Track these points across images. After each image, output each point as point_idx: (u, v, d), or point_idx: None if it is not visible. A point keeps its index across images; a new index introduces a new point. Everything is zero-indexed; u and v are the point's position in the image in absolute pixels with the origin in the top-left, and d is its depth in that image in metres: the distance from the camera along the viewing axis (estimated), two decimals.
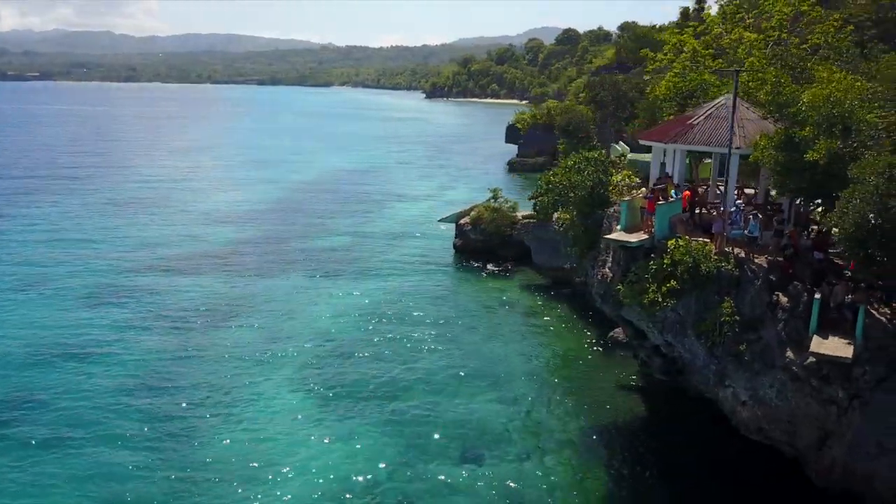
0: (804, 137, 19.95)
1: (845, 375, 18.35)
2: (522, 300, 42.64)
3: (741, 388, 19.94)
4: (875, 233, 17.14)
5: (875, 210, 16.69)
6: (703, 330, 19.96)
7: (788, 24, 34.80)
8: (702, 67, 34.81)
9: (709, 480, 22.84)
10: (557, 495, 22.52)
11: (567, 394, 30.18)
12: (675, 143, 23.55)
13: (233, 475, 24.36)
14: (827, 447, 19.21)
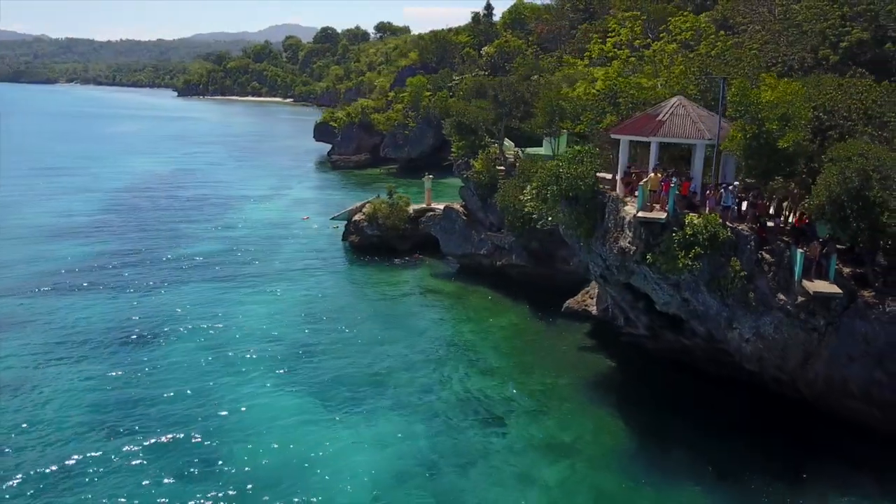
0: (771, 131, 25.94)
1: (826, 307, 24.57)
2: (446, 286, 45.79)
3: (746, 328, 25.41)
4: (853, 199, 23.36)
5: (857, 182, 22.88)
6: (719, 285, 25.05)
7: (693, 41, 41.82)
8: (638, 73, 40.41)
9: (674, 416, 28.23)
10: (548, 448, 26.32)
11: (531, 357, 34.37)
12: (655, 137, 28.48)
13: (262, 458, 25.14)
14: (809, 365, 25.40)
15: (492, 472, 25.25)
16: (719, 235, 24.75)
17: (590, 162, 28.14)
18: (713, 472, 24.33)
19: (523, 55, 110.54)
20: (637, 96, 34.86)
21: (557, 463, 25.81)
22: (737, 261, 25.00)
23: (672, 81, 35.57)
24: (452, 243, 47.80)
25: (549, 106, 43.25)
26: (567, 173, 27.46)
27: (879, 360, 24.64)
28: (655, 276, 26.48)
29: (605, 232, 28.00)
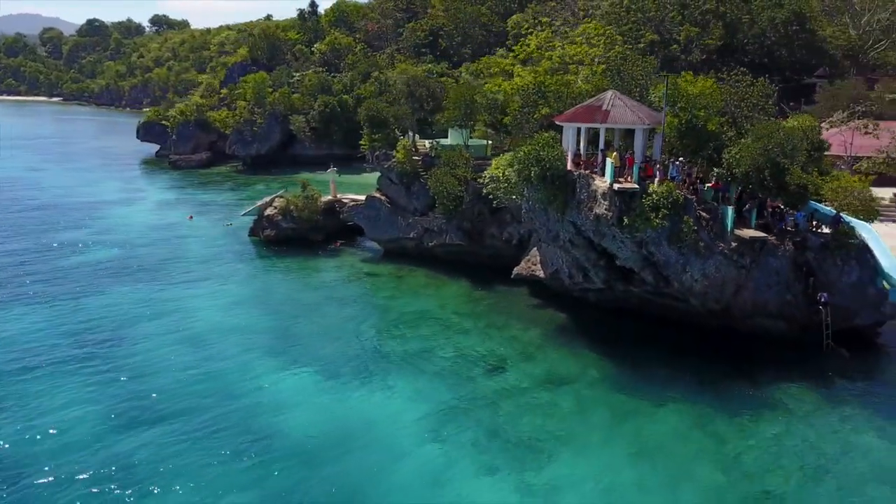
0: (698, 117, 33.48)
1: (751, 249, 32.61)
2: (382, 268, 49.07)
3: (696, 270, 32.65)
4: (770, 166, 31.45)
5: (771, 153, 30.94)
6: (677, 238, 31.99)
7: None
8: (562, 72, 46.35)
9: (632, 347, 35.07)
10: (523, 393, 31.39)
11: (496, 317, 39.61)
12: (605, 124, 34.84)
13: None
14: (739, 294, 33.38)
15: (515, 404, 30.00)
16: (678, 199, 31.66)
17: (558, 147, 33.79)
18: (674, 378, 31.23)
19: (354, 53, 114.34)
20: (564, 91, 41.25)
21: (564, 392, 31.14)
22: (689, 218, 32.10)
23: (595, 79, 42.40)
24: (378, 230, 51.14)
25: (463, 100, 48.38)
26: (547, 156, 32.82)
27: (787, 286, 33.23)
28: (623, 236, 32.86)
29: (579, 203, 33.84)
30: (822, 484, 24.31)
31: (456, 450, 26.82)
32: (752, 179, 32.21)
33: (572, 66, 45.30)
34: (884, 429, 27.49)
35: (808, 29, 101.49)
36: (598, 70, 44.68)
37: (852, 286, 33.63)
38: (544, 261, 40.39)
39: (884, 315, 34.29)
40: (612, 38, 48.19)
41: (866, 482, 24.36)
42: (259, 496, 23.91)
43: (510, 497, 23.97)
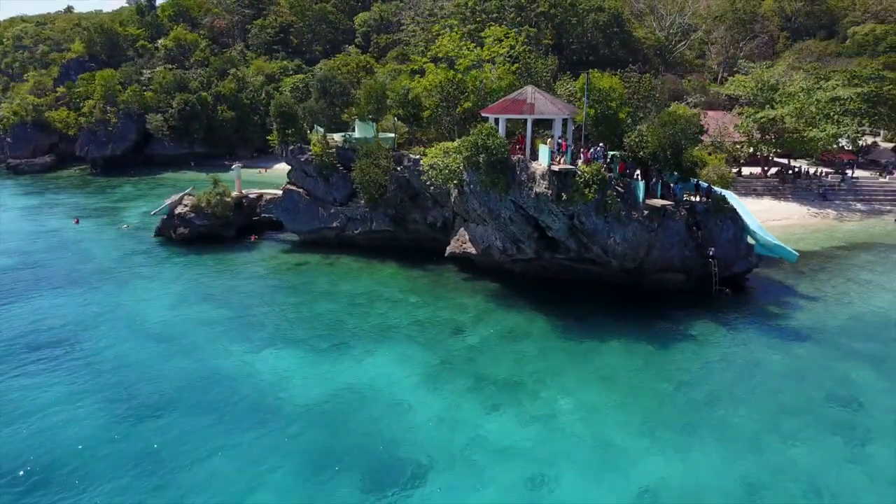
0: (611, 108, 40.10)
1: (659, 215, 39.86)
2: (308, 258, 51.20)
3: (618, 236, 39.30)
4: (666, 147, 38.76)
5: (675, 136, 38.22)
6: (604, 209, 38.33)
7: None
8: (477, 70, 50.59)
9: (563, 303, 41.64)
10: (480, 356, 36.49)
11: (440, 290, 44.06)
12: (532, 115, 40.41)
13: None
14: (650, 253, 40.57)
15: (488, 356, 34.68)
16: (604, 177, 37.98)
17: (499, 137, 38.85)
18: (610, 324, 37.59)
19: (201, 49, 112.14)
20: (480, 87, 46.27)
21: (524, 343, 36.26)
22: (612, 192, 38.59)
23: (508, 77, 47.71)
24: (298, 222, 53.15)
25: (375, 96, 51.87)
26: (493, 144, 37.71)
27: (685, 244, 40.96)
28: (559, 210, 38.69)
29: (520, 184, 39.13)
30: (728, 378, 31.67)
31: (456, 395, 31.01)
32: (659, 158, 39.32)
33: (487, 64, 50.37)
34: (758, 339, 35.97)
35: (625, 30, 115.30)
36: (514, 68, 50.26)
37: (730, 241, 42.08)
38: (474, 239, 45.30)
39: (751, 263, 43.21)
40: (515, 39, 53.84)
41: (752, 374, 32.46)
42: (302, 457, 26.33)
43: (519, 425, 28.61)
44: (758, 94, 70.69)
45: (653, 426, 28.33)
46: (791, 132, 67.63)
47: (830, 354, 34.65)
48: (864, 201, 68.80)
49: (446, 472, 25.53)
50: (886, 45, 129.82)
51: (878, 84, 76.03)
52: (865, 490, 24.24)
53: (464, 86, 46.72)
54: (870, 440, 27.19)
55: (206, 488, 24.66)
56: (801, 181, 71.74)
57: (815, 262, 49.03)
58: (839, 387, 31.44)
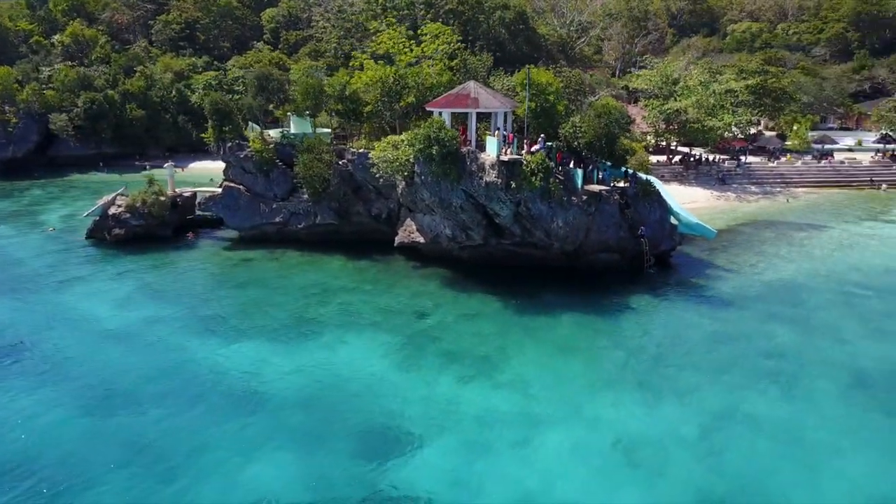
0: (550, 101, 43.16)
1: (596, 200, 43.33)
2: (251, 254, 51.43)
3: (560, 220, 42.44)
4: (601, 137, 42.26)
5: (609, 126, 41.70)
6: (548, 195, 41.34)
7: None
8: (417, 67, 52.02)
9: (510, 285, 44.64)
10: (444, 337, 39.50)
11: (393, 278, 45.88)
12: (477, 109, 42.84)
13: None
14: (589, 236, 43.99)
15: (452, 335, 36.79)
16: (548, 165, 40.96)
17: (451, 130, 41.09)
18: (558, 301, 40.69)
19: (101, 46, 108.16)
20: (421, 82, 48.24)
21: (482, 322, 38.63)
22: (555, 180, 41.65)
23: (446, 73, 49.79)
24: (239, 218, 53.30)
25: (313, 92, 52.80)
26: (444, 137, 39.89)
27: (619, 226, 44.66)
28: (507, 198, 41.39)
29: (471, 174, 41.51)
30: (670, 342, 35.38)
31: (429, 372, 33.02)
32: (595, 147, 42.74)
33: (427, 61, 52.22)
34: (689, 308, 40.17)
35: (529, 27, 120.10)
36: (453, 64, 52.39)
37: (657, 222, 46.21)
38: (422, 228, 47.33)
39: (675, 242, 47.56)
40: (451, 36, 55.91)
41: (689, 337, 36.31)
42: (295, 437, 27.38)
43: (493, 393, 30.92)
44: (662, 88, 76.34)
45: (612, 387, 31.44)
46: (692, 122, 73.59)
47: (752, 317, 39.12)
48: (757, 184, 75.82)
49: (435, 439, 27.48)
50: (761, 41, 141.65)
51: (763, 77, 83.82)
52: (798, 423, 28.21)
53: (405, 81, 48.53)
54: (796, 384, 31.40)
55: (210, 472, 25.41)
56: (703, 167, 78.13)
57: (726, 239, 54.25)
58: (764, 343, 35.78)
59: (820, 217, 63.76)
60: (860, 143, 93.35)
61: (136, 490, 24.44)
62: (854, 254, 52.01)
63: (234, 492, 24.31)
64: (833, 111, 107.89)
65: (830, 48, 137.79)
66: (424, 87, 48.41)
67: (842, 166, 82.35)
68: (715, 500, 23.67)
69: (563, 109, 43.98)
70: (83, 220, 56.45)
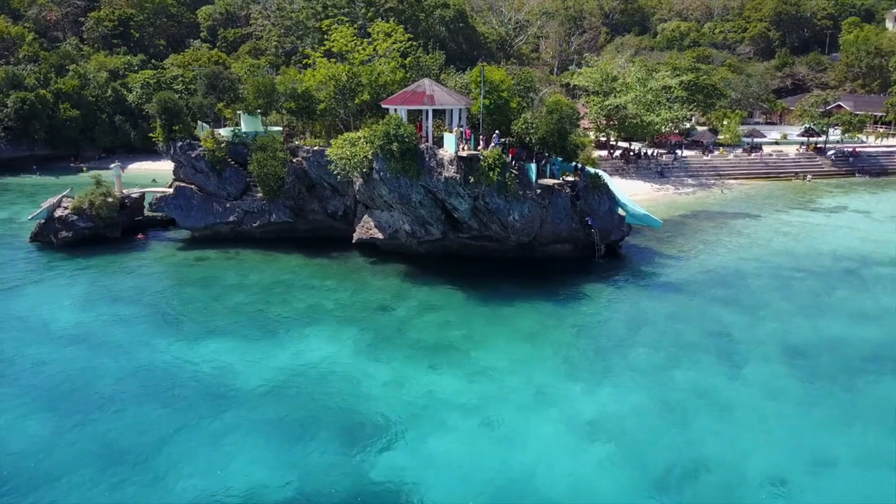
0: (503, 98, 44.52)
1: (550, 193, 44.97)
2: (208, 254, 51.09)
3: (516, 213, 43.88)
4: (553, 132, 43.92)
5: (561, 121, 43.34)
6: (504, 189, 42.70)
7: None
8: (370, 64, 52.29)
9: (467, 276, 46.01)
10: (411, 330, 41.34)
11: (357, 275, 46.54)
12: (433, 105, 43.84)
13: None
14: (544, 227, 45.61)
15: (417, 327, 37.82)
16: (504, 161, 42.31)
17: (410, 125, 41.97)
18: (516, 292, 42.19)
19: (28, 44, 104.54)
20: (375, 80, 48.87)
21: (446, 313, 39.73)
22: (511, 175, 43.05)
23: (400, 71, 50.48)
24: (192, 218, 52.78)
25: (264, 90, 52.78)
26: (404, 133, 40.74)
27: (571, 217, 46.44)
28: (466, 192, 42.57)
29: (430, 170, 42.48)
30: (625, 326, 37.27)
31: (397, 362, 33.87)
32: (548, 143, 44.33)
33: (381, 58, 52.73)
34: (640, 294, 42.24)
35: (469, 25, 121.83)
36: (406, 62, 53.12)
37: (606, 213, 48.22)
38: (380, 225, 48.06)
39: (624, 232, 49.71)
40: (403, 35, 56.39)
41: (643, 322, 38.17)
42: (268, 430, 27.78)
43: (460, 380, 32.01)
44: (602, 85, 78.98)
45: (575, 370, 33.02)
46: (632, 118, 76.45)
47: (699, 301, 41.46)
48: (693, 177, 79.34)
49: (409, 425, 28.34)
50: (690, 40, 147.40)
51: (696, 74, 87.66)
52: (747, 395, 30.40)
53: (359, 79, 49.11)
54: (744, 363, 33.64)
55: (187, 468, 25.47)
56: (642, 161, 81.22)
57: (669, 229, 56.88)
58: (711, 325, 38.06)
59: (753, 207, 67.37)
60: (785, 137, 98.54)
61: (110, 489, 24.32)
62: (786, 239, 55.38)
63: (215, 486, 24.55)
64: (759, 106, 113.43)
65: (754, 46, 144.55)
66: (378, 84, 49.08)
67: (770, 159, 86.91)
68: (676, 466, 25.38)
69: (516, 106, 45.44)
70: (24, 224, 54.88)
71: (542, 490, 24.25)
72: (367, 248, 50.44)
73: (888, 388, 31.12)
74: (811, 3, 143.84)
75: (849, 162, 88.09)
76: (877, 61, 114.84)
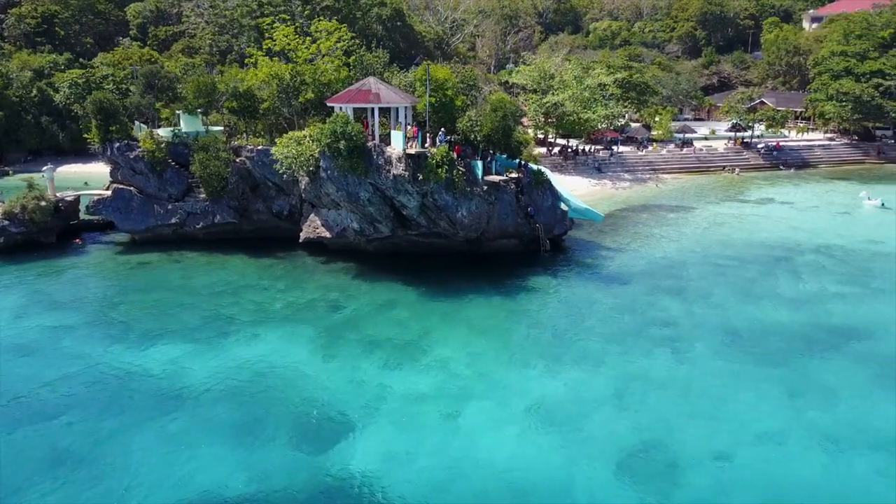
0: (448, 96, 45.12)
1: (496, 189, 45.83)
2: (151, 258, 49.87)
3: (464, 210, 44.56)
4: (498, 130, 44.82)
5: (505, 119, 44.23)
6: (452, 186, 43.32)
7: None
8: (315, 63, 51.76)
9: (419, 272, 46.56)
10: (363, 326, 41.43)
11: (304, 275, 46.40)
12: (379, 104, 44.06)
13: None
14: (491, 223, 46.44)
15: (371, 325, 37.99)
16: (452, 158, 42.91)
17: (357, 125, 42.11)
18: (467, 287, 42.83)
19: None
20: (319, 78, 48.69)
21: (398, 310, 40.09)
22: (459, 172, 43.69)
23: (343, 70, 50.35)
24: (132, 221, 51.43)
25: (205, 90, 51.91)
26: (352, 131, 40.87)
27: (516, 213, 47.45)
28: (414, 189, 43.00)
29: (378, 167, 42.70)
30: (573, 317, 38.46)
31: (352, 360, 34.07)
32: (493, 140, 45.15)
33: (326, 57, 52.43)
34: (585, 285, 43.56)
35: (407, 24, 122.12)
36: (350, 61, 52.98)
37: (549, 208, 49.44)
38: (327, 223, 47.99)
39: (566, 226, 51.07)
40: (346, 33, 56.23)
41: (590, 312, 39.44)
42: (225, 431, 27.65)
43: (417, 374, 32.54)
44: (540, 83, 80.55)
45: (528, 360, 33.92)
46: (569, 115, 78.26)
47: (642, 291, 43.05)
48: (629, 172, 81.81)
49: (367, 421, 28.67)
50: (621, 39, 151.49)
51: (629, 72, 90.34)
52: (687, 377, 31.96)
53: (303, 77, 48.87)
54: (686, 347, 35.24)
55: (142, 472, 25.08)
56: (580, 158, 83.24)
57: (609, 223, 58.65)
58: (652, 312, 39.64)
59: (687, 200, 70.04)
60: (714, 133, 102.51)
61: (63, 499, 23.77)
62: (720, 230, 57.88)
63: (172, 489, 24.34)
64: (688, 103, 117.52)
65: (682, 45, 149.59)
66: (322, 83, 48.95)
67: (701, 153, 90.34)
68: (627, 448, 26.52)
69: (460, 104, 46.11)
70: None
71: (500, 476, 24.96)
72: (314, 247, 50.25)
73: (820, 367, 33.13)
74: (734, 4, 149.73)
75: (773, 155, 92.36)
76: (795, 59, 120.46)
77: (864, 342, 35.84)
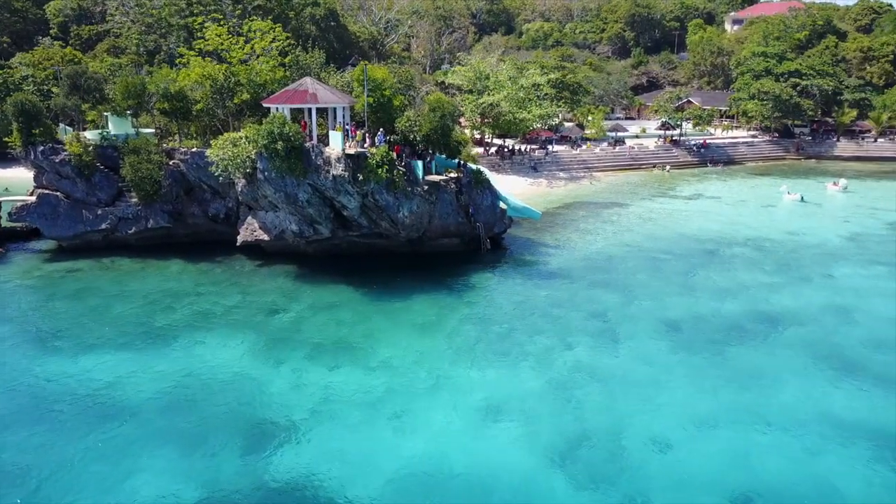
0: (386, 96, 45.10)
1: (436, 189, 46.05)
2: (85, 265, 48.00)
3: (405, 209, 44.63)
4: (437, 129, 45.09)
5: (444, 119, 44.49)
6: (393, 186, 43.33)
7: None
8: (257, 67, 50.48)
9: (366, 272, 46.50)
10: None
11: (246, 280, 45.65)
12: (316, 104, 43.65)
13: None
14: (432, 222, 46.65)
15: (313, 327, 37.56)
16: (392, 158, 42.91)
17: (295, 126, 41.64)
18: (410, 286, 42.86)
19: None
20: (254, 79, 47.83)
21: (341, 312, 39.73)
22: (399, 171, 43.72)
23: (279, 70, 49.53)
24: (60, 227, 49.36)
25: (134, 90, 50.37)
26: (290, 132, 40.39)
27: (457, 212, 47.82)
28: (355, 190, 42.81)
29: (317, 168, 42.32)
30: (514, 313, 39.12)
31: (296, 363, 33.67)
32: (432, 140, 45.37)
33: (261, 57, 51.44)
34: (525, 282, 44.28)
35: (341, 24, 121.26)
36: (286, 61, 52.15)
37: (489, 207, 50.00)
38: (265, 226, 47.28)
39: (506, 224, 51.77)
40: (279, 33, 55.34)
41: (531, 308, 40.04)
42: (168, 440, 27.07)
43: (363, 375, 32.40)
44: (476, 83, 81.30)
45: (473, 358, 34.26)
46: (505, 115, 79.27)
47: (579, 286, 44.04)
48: (564, 170, 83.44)
49: (315, 424, 28.42)
50: (553, 39, 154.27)
51: (562, 73, 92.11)
52: (629, 369, 32.95)
53: (237, 78, 47.98)
54: (623, 339, 36.29)
55: (83, 485, 24.34)
56: (516, 157, 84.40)
57: (547, 221, 59.71)
58: (592, 306, 40.64)
59: (621, 196, 71.97)
60: (644, 131, 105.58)
61: None
62: (653, 225, 59.72)
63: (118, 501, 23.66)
64: (619, 102, 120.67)
65: (612, 46, 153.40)
66: (258, 84, 48.19)
67: (633, 151, 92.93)
68: (576, 437, 27.16)
69: (399, 104, 46.14)
70: None
71: (449, 472, 25.18)
72: (252, 250, 49.42)
73: (749, 354, 34.63)
74: (661, 6, 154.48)
75: (701, 153, 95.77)
76: (719, 60, 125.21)
77: (794, 328, 37.66)
